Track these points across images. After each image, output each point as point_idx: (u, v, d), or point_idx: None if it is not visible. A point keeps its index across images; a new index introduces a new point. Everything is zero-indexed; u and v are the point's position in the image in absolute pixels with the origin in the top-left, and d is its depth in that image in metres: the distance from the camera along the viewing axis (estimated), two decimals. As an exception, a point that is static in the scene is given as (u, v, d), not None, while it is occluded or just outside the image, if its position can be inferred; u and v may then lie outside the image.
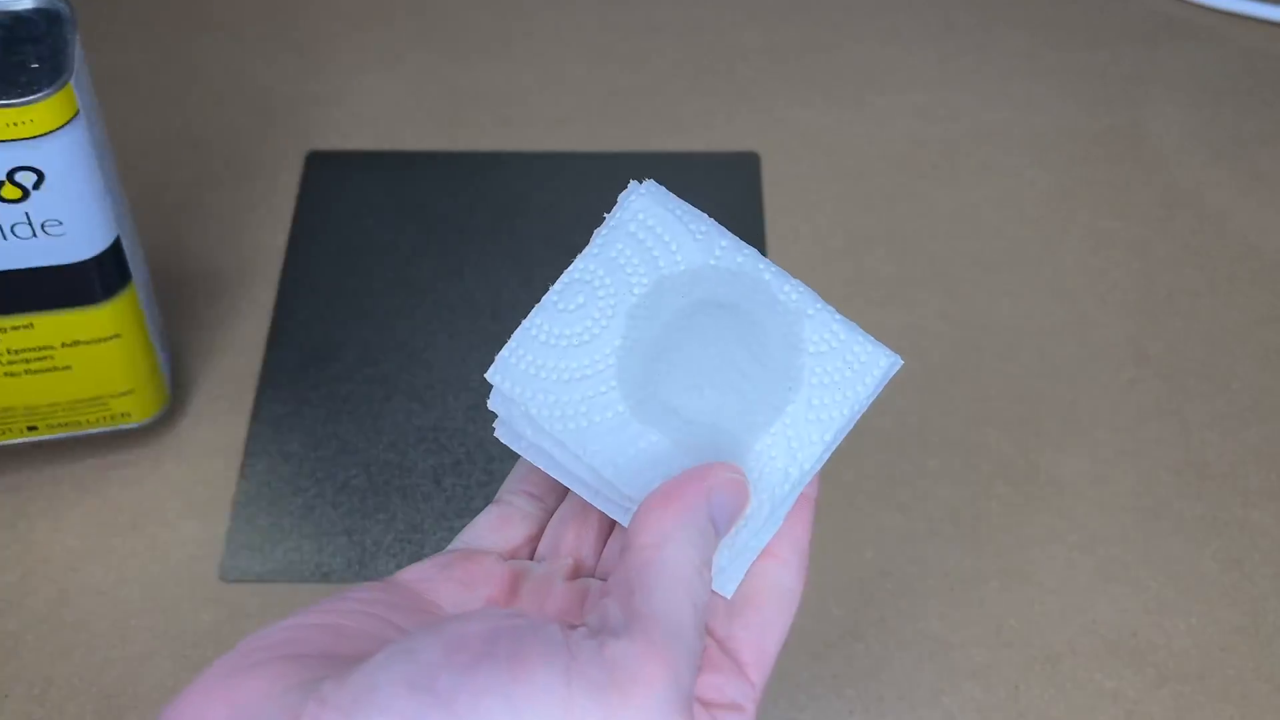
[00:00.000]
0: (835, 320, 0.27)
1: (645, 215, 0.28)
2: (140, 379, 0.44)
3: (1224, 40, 0.63)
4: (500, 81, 0.60)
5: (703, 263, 0.27)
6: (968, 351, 0.50)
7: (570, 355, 0.27)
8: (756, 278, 0.27)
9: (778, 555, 0.27)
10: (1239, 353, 0.50)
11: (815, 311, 0.27)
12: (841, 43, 0.62)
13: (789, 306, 0.27)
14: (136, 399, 0.44)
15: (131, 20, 0.63)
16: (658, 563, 0.23)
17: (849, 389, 0.27)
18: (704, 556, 0.24)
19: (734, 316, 0.27)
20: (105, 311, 0.41)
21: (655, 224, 0.28)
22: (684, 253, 0.27)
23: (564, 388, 0.26)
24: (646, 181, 0.29)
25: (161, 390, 0.46)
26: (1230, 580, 0.44)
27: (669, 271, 0.27)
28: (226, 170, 0.56)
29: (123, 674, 0.41)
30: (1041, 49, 0.62)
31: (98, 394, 0.43)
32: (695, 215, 0.28)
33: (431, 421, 0.47)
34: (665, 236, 0.28)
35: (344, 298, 0.52)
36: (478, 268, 0.52)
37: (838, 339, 0.27)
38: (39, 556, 0.44)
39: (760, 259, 0.28)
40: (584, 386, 0.26)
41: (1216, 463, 0.47)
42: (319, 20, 0.63)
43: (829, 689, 0.41)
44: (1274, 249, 0.54)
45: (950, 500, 0.46)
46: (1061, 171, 0.57)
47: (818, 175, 0.56)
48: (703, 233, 0.28)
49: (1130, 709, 0.41)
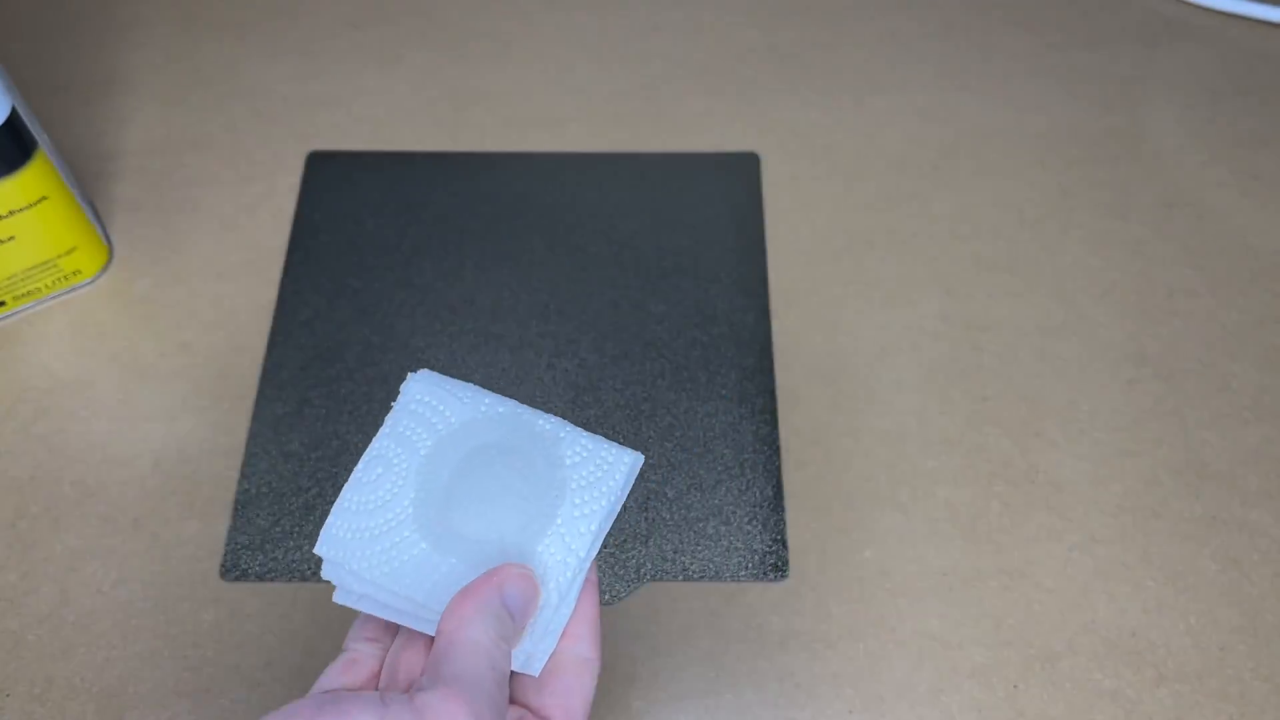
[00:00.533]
0: (583, 436, 0.33)
1: (421, 394, 0.34)
2: (79, 235, 0.50)
3: (1223, 41, 0.63)
4: (501, 82, 0.60)
5: (471, 416, 0.33)
6: (967, 351, 0.50)
7: (376, 514, 0.32)
8: (516, 418, 0.33)
9: (572, 634, 0.32)
10: (1238, 353, 0.50)
11: (566, 434, 0.33)
12: (841, 43, 0.62)
13: (545, 433, 0.33)
14: (82, 255, 0.50)
15: (132, 21, 0.63)
16: (459, 639, 0.28)
17: (603, 486, 0.33)
18: (500, 633, 0.29)
19: (503, 451, 0.33)
20: (27, 176, 0.46)
21: (430, 398, 0.34)
22: (455, 414, 0.34)
23: (376, 541, 0.32)
24: (421, 370, 0.35)
25: (101, 245, 0.52)
26: (1229, 580, 0.44)
27: (445, 431, 0.33)
28: (227, 170, 0.56)
29: (123, 673, 0.41)
30: (1041, 50, 0.62)
31: (47, 257, 0.49)
32: (463, 385, 0.34)
33: None
34: (439, 406, 0.34)
35: (344, 297, 0.52)
36: (478, 267, 0.52)
37: (587, 450, 0.33)
38: (40, 556, 0.44)
39: (519, 405, 0.34)
40: (392, 535, 0.32)
41: (1215, 463, 0.47)
42: (320, 21, 0.63)
43: (828, 688, 0.41)
44: (1272, 249, 0.54)
45: (949, 500, 0.46)
46: (1061, 172, 0.57)
47: (818, 175, 0.56)
48: (469, 396, 0.34)
49: (1129, 708, 0.41)
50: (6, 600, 0.43)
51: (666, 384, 0.49)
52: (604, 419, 0.48)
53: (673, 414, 0.48)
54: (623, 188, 0.55)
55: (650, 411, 0.48)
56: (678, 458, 0.47)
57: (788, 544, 0.45)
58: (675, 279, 0.52)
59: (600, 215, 0.54)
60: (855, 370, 0.49)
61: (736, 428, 0.47)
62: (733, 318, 0.50)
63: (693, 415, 0.48)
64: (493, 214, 0.54)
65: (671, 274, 0.52)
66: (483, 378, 0.49)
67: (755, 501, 0.45)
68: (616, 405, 0.48)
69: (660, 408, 0.48)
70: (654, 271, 0.52)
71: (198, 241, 0.53)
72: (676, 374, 0.49)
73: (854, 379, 0.49)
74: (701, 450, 0.47)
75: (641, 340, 0.50)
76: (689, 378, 0.49)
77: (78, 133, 0.57)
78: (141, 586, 0.43)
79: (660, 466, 0.47)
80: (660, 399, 0.48)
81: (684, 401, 0.48)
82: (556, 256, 0.53)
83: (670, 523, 0.45)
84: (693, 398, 0.48)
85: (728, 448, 0.47)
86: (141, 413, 0.48)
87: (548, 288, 0.52)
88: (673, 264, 0.52)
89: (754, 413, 0.48)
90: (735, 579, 0.44)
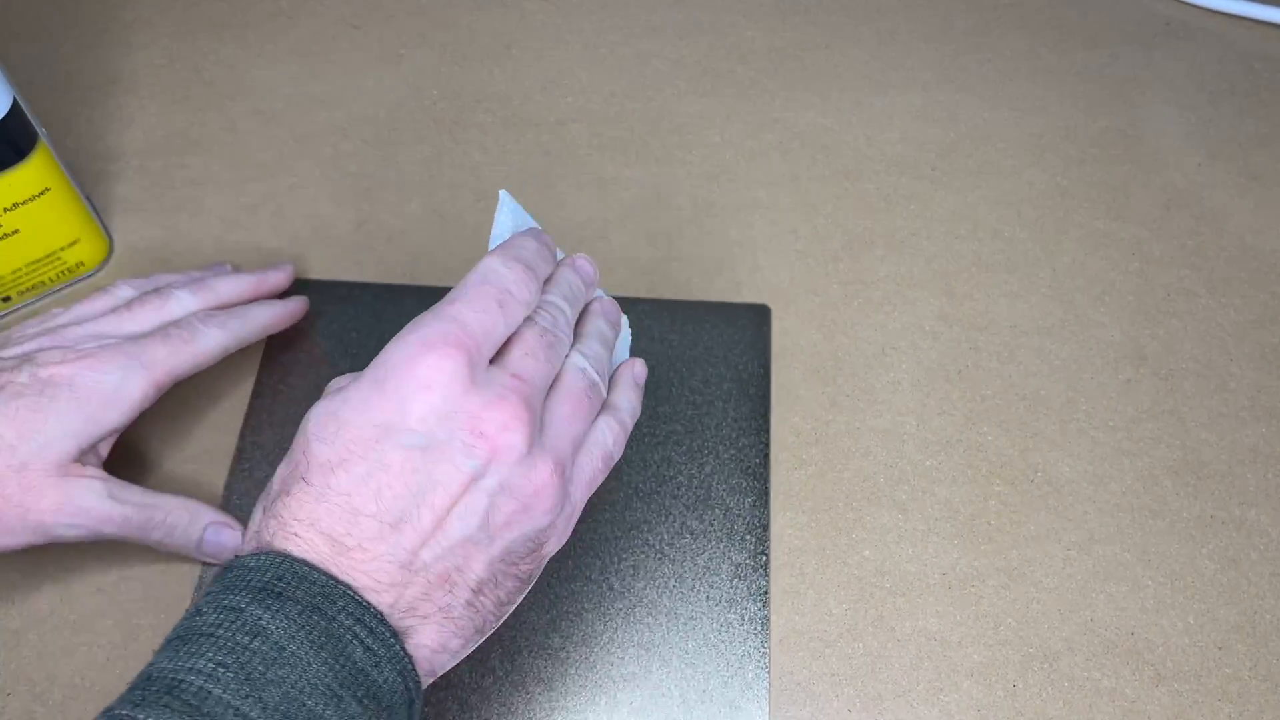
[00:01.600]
0: None
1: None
2: (81, 228, 0.50)
3: (1221, 41, 0.63)
4: (501, 83, 0.60)
5: None
6: (965, 351, 0.50)
7: None
8: None
9: None
10: (1236, 353, 0.50)
11: None
12: (840, 44, 0.63)
13: None
14: (84, 248, 0.51)
15: (133, 21, 0.63)
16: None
17: None
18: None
19: None
20: (29, 169, 0.46)
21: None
22: None
23: None
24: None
25: (103, 238, 0.52)
26: (1227, 579, 0.44)
27: None
28: (228, 171, 0.56)
29: (125, 672, 0.41)
30: (1039, 50, 0.62)
31: (50, 250, 0.49)
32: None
33: None
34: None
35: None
36: None
37: None
38: (41, 554, 0.44)
39: None
40: None
41: (1213, 462, 0.47)
42: (320, 21, 0.63)
43: (827, 687, 0.42)
44: (1271, 249, 0.54)
45: (948, 499, 0.46)
46: (1059, 172, 0.57)
47: (816, 176, 0.57)
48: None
49: (1128, 707, 0.41)
50: (7, 599, 0.43)
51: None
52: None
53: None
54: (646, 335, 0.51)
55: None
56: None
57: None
58: (686, 417, 0.48)
59: None
60: (854, 370, 0.50)
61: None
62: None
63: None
64: None
65: (682, 414, 0.48)
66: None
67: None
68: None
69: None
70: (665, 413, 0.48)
71: (199, 242, 0.53)
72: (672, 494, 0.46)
73: (853, 378, 0.49)
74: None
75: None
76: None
77: (79, 133, 0.57)
78: (143, 585, 0.43)
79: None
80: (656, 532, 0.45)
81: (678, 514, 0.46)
82: None
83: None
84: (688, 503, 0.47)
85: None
86: (139, 419, 0.48)
87: None
88: (688, 405, 0.48)
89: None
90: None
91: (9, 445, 0.38)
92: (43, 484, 0.39)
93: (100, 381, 0.40)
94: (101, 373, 0.40)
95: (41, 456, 0.39)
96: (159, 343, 0.42)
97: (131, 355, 0.41)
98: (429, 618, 0.31)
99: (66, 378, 0.40)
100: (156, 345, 0.42)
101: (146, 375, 0.41)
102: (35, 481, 0.38)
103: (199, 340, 0.43)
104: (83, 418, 0.40)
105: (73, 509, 0.39)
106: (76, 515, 0.39)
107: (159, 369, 0.42)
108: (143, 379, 0.41)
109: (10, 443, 0.38)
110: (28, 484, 0.38)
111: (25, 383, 0.39)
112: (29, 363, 0.40)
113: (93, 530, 0.40)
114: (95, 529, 0.40)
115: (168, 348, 0.42)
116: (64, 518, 0.39)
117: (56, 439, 0.39)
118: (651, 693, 0.41)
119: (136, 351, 0.41)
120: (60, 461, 0.39)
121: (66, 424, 0.39)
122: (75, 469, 0.40)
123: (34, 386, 0.39)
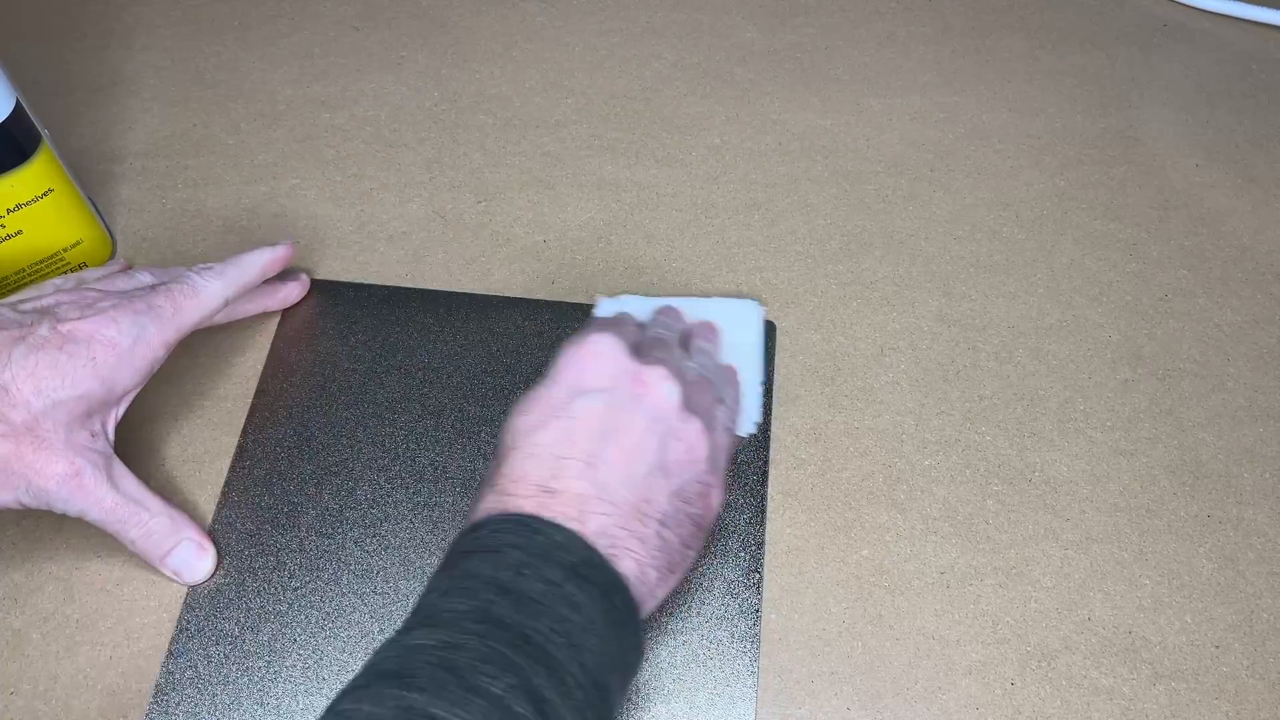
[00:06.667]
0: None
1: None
2: (84, 229, 0.50)
3: (1219, 43, 0.63)
4: (501, 84, 0.61)
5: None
6: (964, 351, 0.51)
7: None
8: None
9: None
10: (1233, 353, 0.51)
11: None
12: (839, 46, 0.63)
13: None
14: (87, 248, 0.51)
15: (135, 24, 0.63)
16: None
17: None
18: None
19: None
20: (32, 170, 0.46)
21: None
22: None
23: None
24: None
25: (105, 238, 0.52)
26: (1225, 578, 0.44)
27: None
28: (230, 173, 0.56)
29: (127, 671, 0.42)
30: (1038, 52, 0.63)
31: (53, 250, 0.50)
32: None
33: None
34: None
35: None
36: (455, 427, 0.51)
37: None
38: (44, 554, 0.44)
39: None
40: None
41: (1211, 462, 0.47)
42: (322, 23, 0.63)
43: (826, 685, 0.42)
44: (1267, 250, 0.54)
45: (947, 499, 0.46)
46: (1057, 174, 0.57)
47: (816, 177, 0.57)
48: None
49: (1125, 706, 0.41)
50: (11, 598, 0.43)
51: None
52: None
53: None
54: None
55: None
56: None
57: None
58: None
59: None
60: (853, 369, 0.50)
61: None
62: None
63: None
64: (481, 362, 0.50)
65: None
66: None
67: None
68: None
69: None
70: None
71: (201, 243, 0.54)
72: None
73: (852, 378, 0.49)
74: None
75: None
76: None
77: (82, 134, 0.57)
78: (145, 584, 0.44)
79: None
80: None
81: None
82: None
83: None
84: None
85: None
86: (144, 411, 0.48)
87: None
88: None
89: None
90: None
91: (25, 401, 0.38)
92: (52, 448, 0.39)
93: (117, 340, 0.41)
94: (117, 330, 0.41)
95: (53, 415, 0.39)
96: (164, 297, 0.43)
97: (140, 311, 0.42)
98: (628, 549, 0.35)
99: (86, 334, 0.40)
100: (162, 299, 0.43)
101: (158, 333, 0.42)
102: (46, 441, 0.39)
103: (201, 291, 0.44)
104: (98, 380, 0.40)
105: (75, 484, 0.39)
106: (76, 491, 0.39)
107: (169, 326, 0.42)
108: (154, 336, 0.42)
109: (26, 398, 0.38)
110: (39, 442, 0.39)
111: (46, 335, 0.39)
112: (49, 316, 0.40)
113: (82, 510, 0.40)
114: (85, 510, 0.40)
115: (172, 302, 0.43)
116: (65, 491, 0.39)
117: (70, 399, 0.39)
118: (635, 710, 0.41)
119: (144, 307, 0.42)
120: (69, 422, 0.39)
121: (82, 385, 0.40)
122: (85, 439, 0.40)
123: (54, 340, 0.39)
